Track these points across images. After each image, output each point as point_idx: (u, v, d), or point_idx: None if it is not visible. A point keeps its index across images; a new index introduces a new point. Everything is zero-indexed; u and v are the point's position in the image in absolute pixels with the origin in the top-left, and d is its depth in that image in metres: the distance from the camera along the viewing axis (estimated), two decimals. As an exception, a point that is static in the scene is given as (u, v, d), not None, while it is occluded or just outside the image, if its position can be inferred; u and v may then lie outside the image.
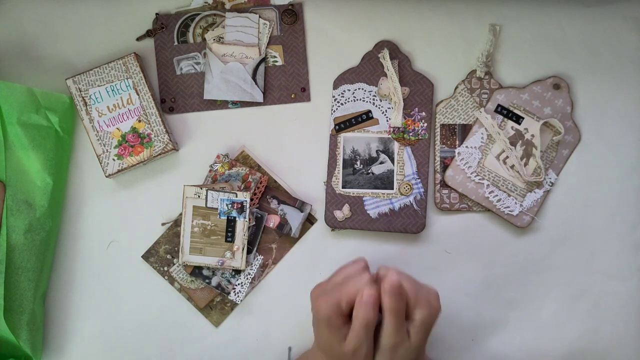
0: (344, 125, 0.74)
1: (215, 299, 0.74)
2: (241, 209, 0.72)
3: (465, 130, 0.74)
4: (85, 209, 0.75)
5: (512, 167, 0.73)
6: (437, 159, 0.74)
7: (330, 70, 0.75)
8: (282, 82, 0.75)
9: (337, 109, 0.74)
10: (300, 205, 0.74)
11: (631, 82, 0.74)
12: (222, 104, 0.76)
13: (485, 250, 0.74)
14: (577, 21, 0.75)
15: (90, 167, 0.75)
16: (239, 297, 0.73)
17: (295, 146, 0.75)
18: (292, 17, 0.75)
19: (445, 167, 0.74)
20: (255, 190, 0.73)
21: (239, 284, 0.73)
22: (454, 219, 0.74)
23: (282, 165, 0.75)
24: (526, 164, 0.73)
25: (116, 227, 0.75)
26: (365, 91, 0.74)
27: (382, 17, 0.75)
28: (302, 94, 0.75)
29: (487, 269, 0.74)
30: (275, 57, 0.76)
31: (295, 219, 0.74)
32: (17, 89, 0.69)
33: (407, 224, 0.73)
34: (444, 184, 0.74)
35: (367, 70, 0.75)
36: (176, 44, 0.76)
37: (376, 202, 0.73)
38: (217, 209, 0.72)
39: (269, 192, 0.74)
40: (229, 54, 0.74)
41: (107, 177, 0.73)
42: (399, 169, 0.73)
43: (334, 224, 0.73)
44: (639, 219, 0.74)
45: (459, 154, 0.74)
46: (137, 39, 0.76)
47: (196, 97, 0.75)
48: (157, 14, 0.76)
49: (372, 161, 0.74)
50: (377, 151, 0.74)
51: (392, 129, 0.74)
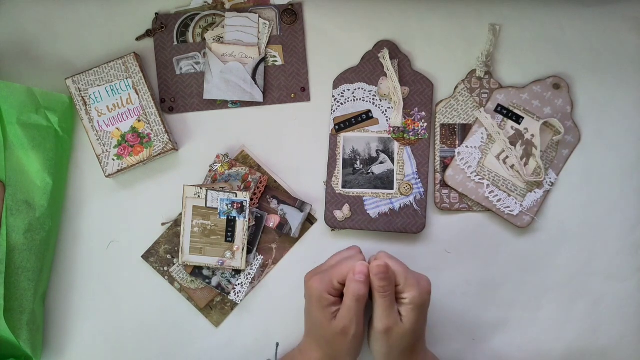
0: (343, 125, 0.74)
1: (215, 299, 0.74)
2: (241, 209, 0.72)
3: (465, 130, 0.74)
4: (85, 209, 0.75)
5: (512, 167, 0.73)
6: (437, 158, 0.74)
7: (330, 70, 0.75)
8: (282, 82, 0.75)
9: (337, 108, 0.74)
10: (300, 205, 0.74)
11: (631, 82, 0.74)
12: (222, 104, 0.76)
13: (485, 250, 0.74)
14: (577, 21, 0.75)
15: (90, 167, 0.75)
16: (239, 297, 0.73)
17: (295, 146, 0.75)
18: (292, 17, 0.75)
19: (445, 167, 0.74)
20: (255, 190, 0.73)
21: (239, 284, 0.73)
22: (454, 219, 0.74)
23: (282, 165, 0.75)
24: (526, 164, 0.73)
25: (116, 227, 0.75)
26: (365, 91, 0.74)
27: (382, 17, 0.75)
28: (302, 93, 0.75)
29: (487, 269, 0.74)
30: (275, 57, 0.75)
31: (295, 219, 0.74)
32: (17, 89, 0.69)
33: (407, 224, 0.73)
34: (444, 184, 0.74)
35: (367, 70, 0.75)
36: (176, 43, 0.75)
37: (376, 202, 0.73)
38: (217, 209, 0.72)
39: (269, 192, 0.74)
40: (229, 53, 0.74)
41: (107, 177, 0.73)
42: (399, 169, 0.73)
43: (334, 224, 0.73)
44: (639, 219, 0.74)
45: (459, 153, 0.74)
46: (137, 39, 0.76)
47: (196, 97, 0.75)
48: (156, 14, 0.75)
49: (372, 161, 0.74)
50: (377, 151, 0.74)
51: (392, 129, 0.74)
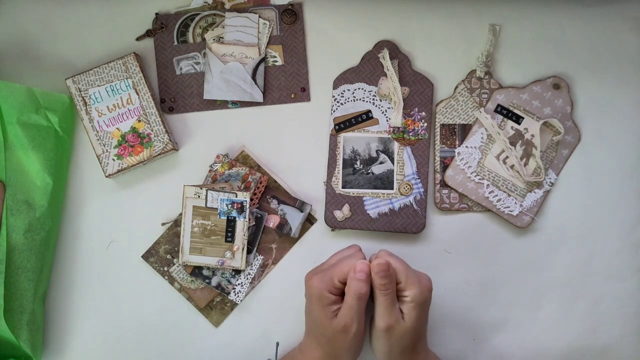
0: (343, 125, 0.74)
1: (215, 299, 0.74)
2: (241, 209, 0.72)
3: (465, 130, 0.74)
4: (85, 209, 0.75)
5: (512, 167, 0.73)
6: (437, 158, 0.74)
7: (330, 70, 0.75)
8: (282, 82, 0.75)
9: (337, 108, 0.74)
10: (300, 205, 0.74)
11: (631, 82, 0.74)
12: (222, 104, 0.76)
13: (485, 250, 0.74)
14: (577, 21, 0.75)
15: (90, 167, 0.75)
16: (239, 297, 0.73)
17: (295, 146, 0.75)
18: (292, 17, 0.75)
19: (445, 167, 0.74)
20: (255, 190, 0.73)
21: (239, 284, 0.73)
22: (454, 219, 0.74)
23: (282, 165, 0.75)
24: (526, 164, 0.73)
25: (116, 227, 0.75)
26: (365, 91, 0.74)
27: (382, 17, 0.75)
28: (302, 93, 0.75)
29: (487, 269, 0.74)
30: (275, 57, 0.75)
31: (295, 219, 0.74)
32: (17, 89, 0.69)
33: (407, 224, 0.73)
34: (444, 184, 0.74)
35: (367, 70, 0.75)
36: (176, 43, 0.75)
37: (376, 202, 0.73)
38: (217, 209, 0.72)
39: (269, 192, 0.74)
40: (229, 53, 0.74)
41: (107, 177, 0.73)
42: (399, 169, 0.73)
43: (334, 224, 0.73)
44: (639, 219, 0.74)
45: (458, 153, 0.74)
46: (137, 39, 0.76)
47: (196, 97, 0.75)
48: (156, 14, 0.75)
49: (372, 161, 0.74)
50: (377, 151, 0.74)
51: (392, 129, 0.74)
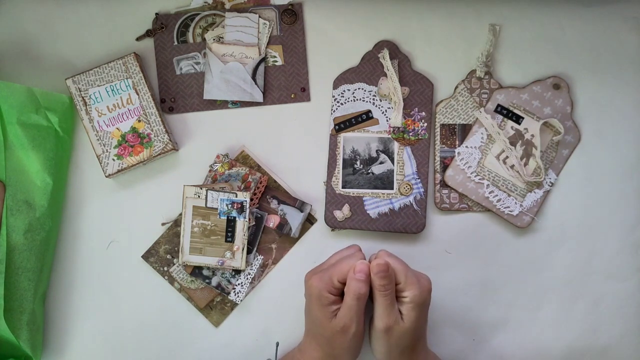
0: (344, 125, 0.74)
1: (215, 299, 0.74)
2: (241, 209, 0.72)
3: (465, 130, 0.74)
4: (85, 209, 0.75)
5: (512, 167, 0.73)
6: (437, 159, 0.74)
7: (330, 70, 0.75)
8: (282, 82, 0.75)
9: (337, 108, 0.74)
10: (300, 205, 0.74)
11: (631, 82, 0.74)
12: (222, 104, 0.76)
13: (485, 250, 0.74)
14: (577, 21, 0.75)
15: (90, 167, 0.75)
16: (239, 297, 0.73)
17: (295, 146, 0.75)
18: (292, 17, 0.75)
19: (445, 167, 0.74)
20: (255, 190, 0.73)
21: (239, 284, 0.73)
22: (454, 219, 0.74)
23: (282, 165, 0.75)
24: (526, 164, 0.73)
25: (116, 227, 0.75)
26: (365, 91, 0.74)
27: (382, 17, 0.75)
28: (302, 93, 0.75)
29: (487, 269, 0.74)
30: (275, 57, 0.75)
31: (295, 219, 0.74)
32: (17, 89, 0.69)
33: (407, 224, 0.73)
34: (444, 184, 0.74)
35: (367, 70, 0.75)
36: (176, 44, 0.75)
37: (376, 202, 0.73)
38: (217, 209, 0.72)
39: (269, 192, 0.74)
40: (229, 53, 0.74)
41: (107, 177, 0.73)
42: (399, 169, 0.73)
43: (334, 224, 0.73)
44: (639, 219, 0.74)
45: (458, 153, 0.74)
46: (137, 39, 0.76)
47: (196, 97, 0.75)
48: (157, 14, 0.75)
49: (372, 161, 0.74)
50: (377, 151, 0.74)
51: (392, 129, 0.74)
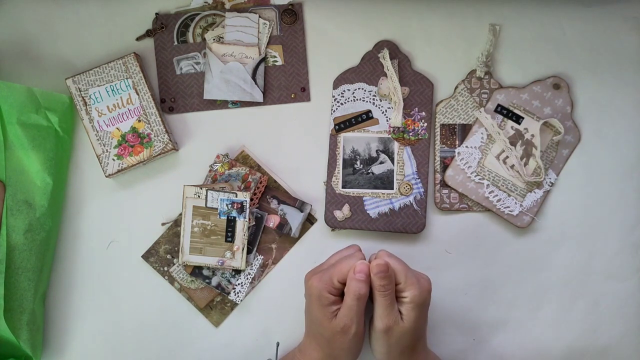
0: (344, 125, 0.74)
1: (215, 299, 0.74)
2: (241, 209, 0.72)
3: (465, 130, 0.74)
4: (85, 209, 0.75)
5: (512, 167, 0.73)
6: (437, 158, 0.74)
7: (330, 70, 0.75)
8: (282, 82, 0.75)
9: (337, 108, 0.74)
10: (300, 205, 0.74)
11: (631, 82, 0.74)
12: (222, 104, 0.76)
13: (485, 250, 0.74)
14: (577, 21, 0.75)
15: (90, 167, 0.75)
16: (239, 297, 0.73)
17: (295, 146, 0.75)
18: (292, 17, 0.75)
19: (445, 167, 0.74)
20: (255, 190, 0.73)
21: (239, 284, 0.73)
22: (454, 219, 0.74)
23: (282, 165, 0.75)
24: (526, 164, 0.73)
25: (116, 227, 0.75)
26: (365, 91, 0.74)
27: (382, 17, 0.75)
28: (302, 93, 0.75)
29: (487, 269, 0.74)
30: (275, 57, 0.75)
31: (295, 219, 0.74)
32: (17, 89, 0.69)
33: (407, 224, 0.73)
34: (444, 184, 0.74)
35: (367, 70, 0.75)
36: (176, 43, 0.75)
37: (376, 202, 0.73)
38: (217, 209, 0.72)
39: (269, 192, 0.74)
40: (229, 53, 0.74)
41: (107, 177, 0.73)
42: (399, 169, 0.73)
43: (334, 224, 0.73)
44: (639, 219, 0.74)
45: (459, 153, 0.74)
46: (137, 39, 0.76)
47: (196, 97, 0.75)
48: (157, 14, 0.75)
49: (372, 161, 0.74)
50: (377, 151, 0.74)
51: (392, 129, 0.74)
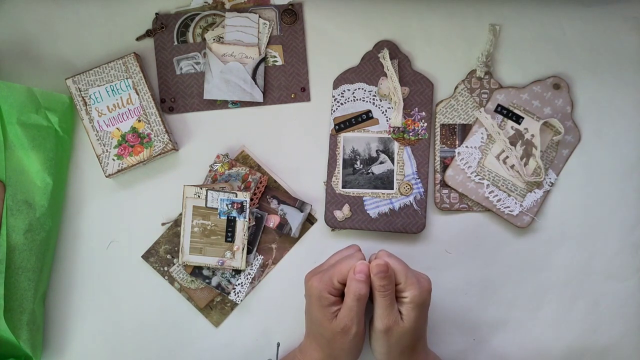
0: (344, 125, 0.74)
1: (215, 299, 0.74)
2: (241, 209, 0.72)
3: (465, 130, 0.74)
4: (85, 209, 0.75)
5: (512, 167, 0.73)
6: (437, 158, 0.74)
7: (330, 70, 0.75)
8: (282, 82, 0.75)
9: (337, 108, 0.74)
10: (300, 205, 0.74)
11: (631, 82, 0.74)
12: (222, 104, 0.76)
13: (485, 250, 0.74)
14: (577, 21, 0.75)
15: (90, 167, 0.75)
16: (239, 297, 0.73)
17: (295, 146, 0.75)
18: (292, 17, 0.75)
19: (445, 167, 0.74)
20: (255, 190, 0.73)
21: (239, 284, 0.73)
22: (454, 219, 0.74)
23: (282, 165, 0.75)
24: (526, 164, 0.73)
25: (116, 227, 0.75)
26: (365, 91, 0.74)
27: (382, 17, 0.75)
28: (302, 93, 0.75)
29: (487, 269, 0.74)
30: (275, 57, 0.75)
31: (295, 219, 0.74)
32: (17, 89, 0.69)
33: (407, 224, 0.73)
34: (444, 184, 0.74)
35: (367, 70, 0.75)
36: (176, 43, 0.75)
37: (376, 202, 0.73)
38: (217, 209, 0.72)
39: (269, 192, 0.74)
40: (229, 53, 0.74)
41: (107, 177, 0.73)
42: (399, 169, 0.73)
43: (334, 224, 0.73)
44: (639, 219, 0.74)
45: (459, 153, 0.74)
46: (137, 39, 0.76)
47: (196, 97, 0.75)
48: (157, 14, 0.76)
49: (372, 161, 0.74)
50: (377, 151, 0.74)
51: (392, 129, 0.74)
